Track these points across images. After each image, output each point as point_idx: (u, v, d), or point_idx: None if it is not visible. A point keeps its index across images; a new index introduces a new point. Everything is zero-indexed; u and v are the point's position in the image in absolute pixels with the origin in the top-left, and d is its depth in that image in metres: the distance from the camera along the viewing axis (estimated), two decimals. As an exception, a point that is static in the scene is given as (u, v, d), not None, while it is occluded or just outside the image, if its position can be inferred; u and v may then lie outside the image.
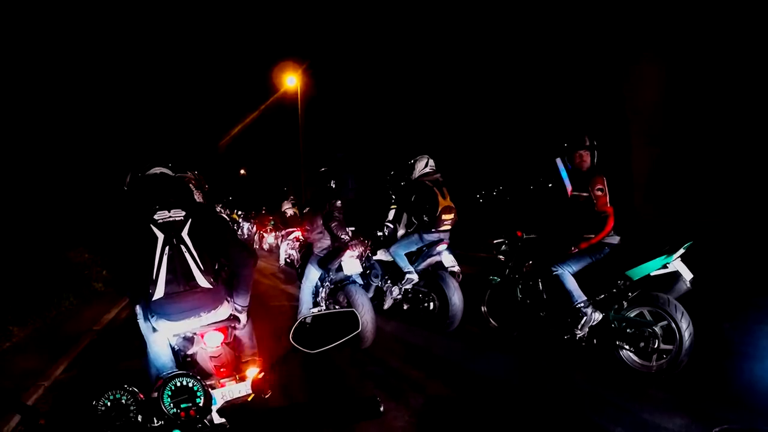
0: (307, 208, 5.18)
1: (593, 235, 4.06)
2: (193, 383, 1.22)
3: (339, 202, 4.97)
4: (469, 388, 3.87)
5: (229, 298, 2.74)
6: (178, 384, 1.22)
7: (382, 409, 1.06)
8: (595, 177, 4.11)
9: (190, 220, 2.58)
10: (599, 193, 4.05)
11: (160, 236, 2.49)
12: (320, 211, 5.00)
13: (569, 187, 4.29)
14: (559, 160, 4.36)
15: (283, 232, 11.89)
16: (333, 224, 4.88)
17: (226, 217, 11.84)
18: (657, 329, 3.64)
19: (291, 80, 18.35)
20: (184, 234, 2.54)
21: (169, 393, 1.21)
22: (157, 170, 2.76)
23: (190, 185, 3.94)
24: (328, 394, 3.83)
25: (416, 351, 4.81)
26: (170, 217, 2.55)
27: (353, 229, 5.22)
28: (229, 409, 1.12)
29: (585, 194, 4.13)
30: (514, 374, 4.09)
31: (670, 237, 3.89)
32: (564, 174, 4.33)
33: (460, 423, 3.33)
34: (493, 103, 25.42)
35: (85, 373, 4.73)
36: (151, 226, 2.50)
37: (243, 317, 2.75)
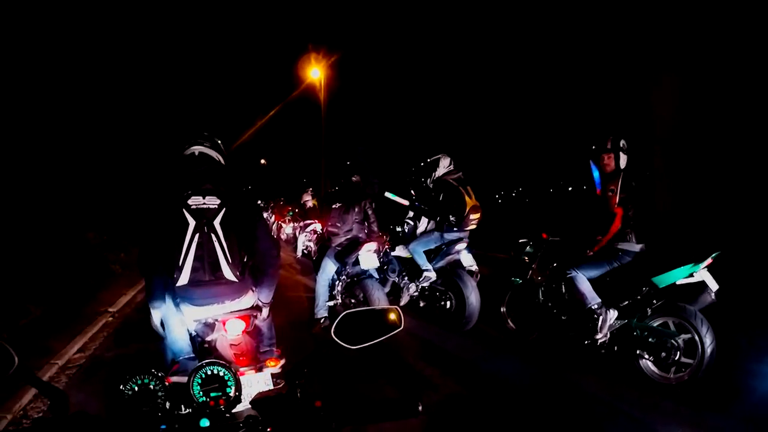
0: (338, 204, 5.12)
1: (601, 237, 4.06)
2: (224, 373, 1.19)
3: (371, 200, 5.20)
4: (483, 389, 3.83)
5: (254, 288, 2.70)
6: (209, 372, 1.20)
7: (420, 408, 1.02)
8: (611, 179, 4.09)
9: (224, 209, 2.49)
10: (610, 194, 4.04)
11: (192, 222, 2.42)
12: (353, 207, 5.03)
13: (599, 190, 4.24)
14: (592, 163, 4.31)
15: (302, 224, 11.91)
16: (372, 221, 5.17)
17: None
18: (679, 341, 3.56)
19: (315, 72, 18.31)
20: (216, 223, 2.46)
21: (199, 381, 1.18)
22: (195, 150, 2.65)
23: None
24: (356, 392, 3.76)
25: (431, 348, 4.76)
26: (204, 203, 2.46)
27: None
28: (262, 400, 1.09)
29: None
30: (529, 377, 4.05)
31: (696, 245, 3.80)
32: (597, 176, 4.28)
33: (471, 423, 3.30)
34: (518, 105, 25.27)
35: (100, 355, 4.77)
36: (184, 210, 2.43)
37: (265, 311, 2.73)
